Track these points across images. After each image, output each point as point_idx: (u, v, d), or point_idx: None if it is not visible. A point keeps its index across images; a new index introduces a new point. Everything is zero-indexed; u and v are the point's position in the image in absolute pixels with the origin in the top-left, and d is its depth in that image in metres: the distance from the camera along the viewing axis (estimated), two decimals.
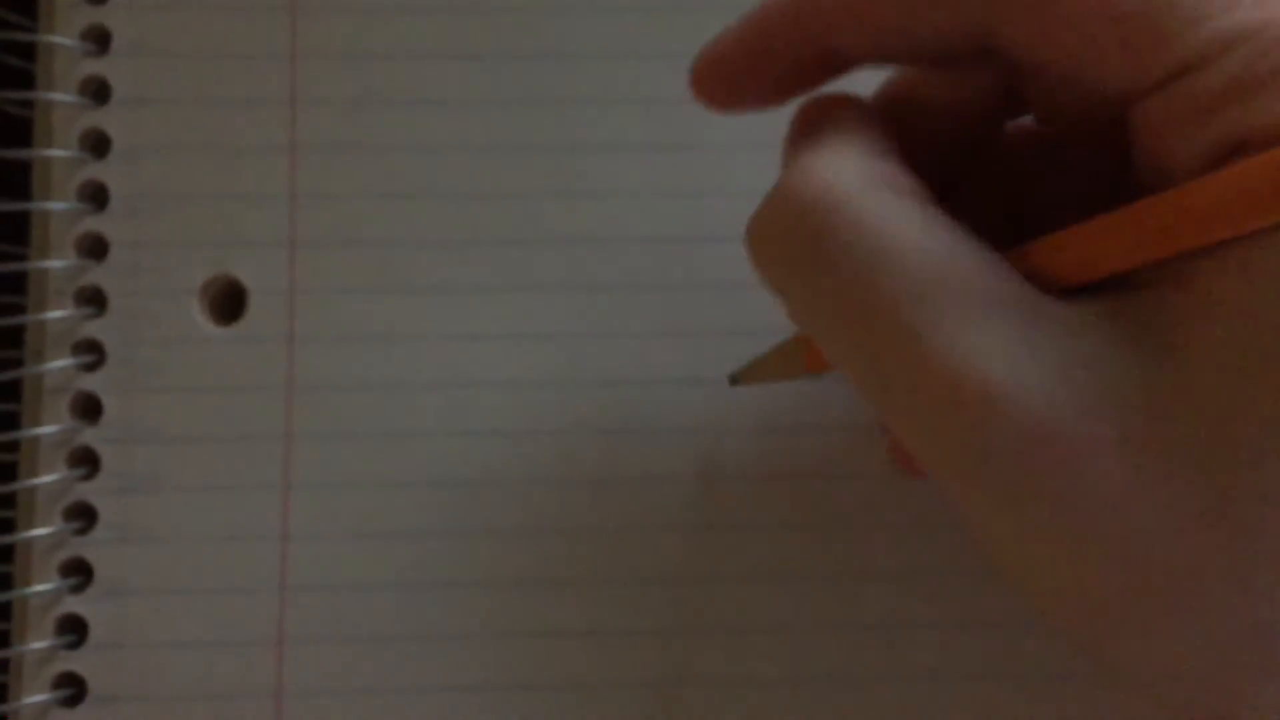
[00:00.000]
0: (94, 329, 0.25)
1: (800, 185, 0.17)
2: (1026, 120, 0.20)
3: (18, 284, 0.26)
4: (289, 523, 0.25)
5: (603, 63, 0.26)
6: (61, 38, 0.26)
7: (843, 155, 0.17)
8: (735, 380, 0.24)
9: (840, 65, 0.19)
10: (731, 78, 0.19)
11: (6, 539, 0.25)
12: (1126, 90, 0.15)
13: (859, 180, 0.16)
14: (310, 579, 0.25)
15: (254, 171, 0.26)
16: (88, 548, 0.25)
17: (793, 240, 0.17)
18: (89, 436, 0.25)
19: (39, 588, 0.24)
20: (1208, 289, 0.15)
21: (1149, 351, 0.15)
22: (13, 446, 0.25)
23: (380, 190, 0.26)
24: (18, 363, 0.25)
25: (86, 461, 0.25)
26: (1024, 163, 0.20)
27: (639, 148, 0.26)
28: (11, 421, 0.25)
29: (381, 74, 0.26)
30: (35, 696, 0.24)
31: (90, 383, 0.25)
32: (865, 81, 0.19)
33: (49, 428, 0.25)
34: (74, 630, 0.25)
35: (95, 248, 0.26)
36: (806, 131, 0.18)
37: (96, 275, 0.25)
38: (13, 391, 0.26)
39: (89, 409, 0.25)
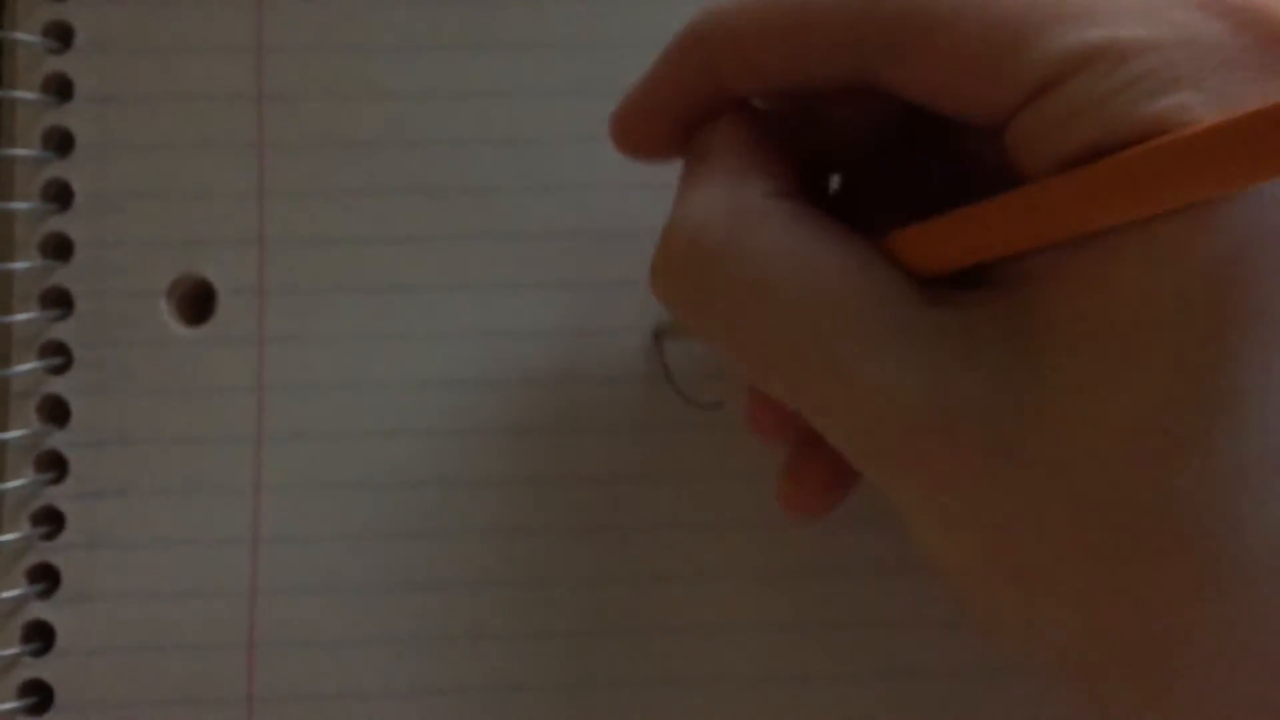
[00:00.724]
0: (61, 331, 0.25)
1: (680, 225, 0.18)
2: None
3: None
4: (260, 525, 0.24)
5: (574, 52, 0.26)
6: (23, 34, 0.25)
7: (716, 190, 0.18)
8: (659, 336, 0.24)
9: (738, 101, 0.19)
10: (643, 129, 0.20)
11: None
12: (997, 115, 0.16)
13: (723, 221, 0.17)
14: (282, 582, 0.24)
15: (221, 169, 0.25)
16: (55, 553, 0.24)
17: (679, 280, 0.18)
18: (57, 440, 0.25)
19: (6, 594, 0.24)
20: (1071, 286, 0.15)
21: (1016, 354, 0.16)
22: None
23: (349, 187, 0.25)
24: None
25: (54, 466, 0.25)
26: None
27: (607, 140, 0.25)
28: None
29: (349, 69, 0.26)
30: (1, 704, 0.24)
31: (58, 386, 0.25)
32: None
33: (16, 432, 0.24)
34: (41, 637, 0.24)
35: (60, 248, 0.25)
36: (694, 162, 0.19)
37: (62, 276, 0.25)
38: None
39: (56, 412, 0.25)
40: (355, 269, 0.25)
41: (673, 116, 0.19)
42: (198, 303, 0.25)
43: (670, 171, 0.21)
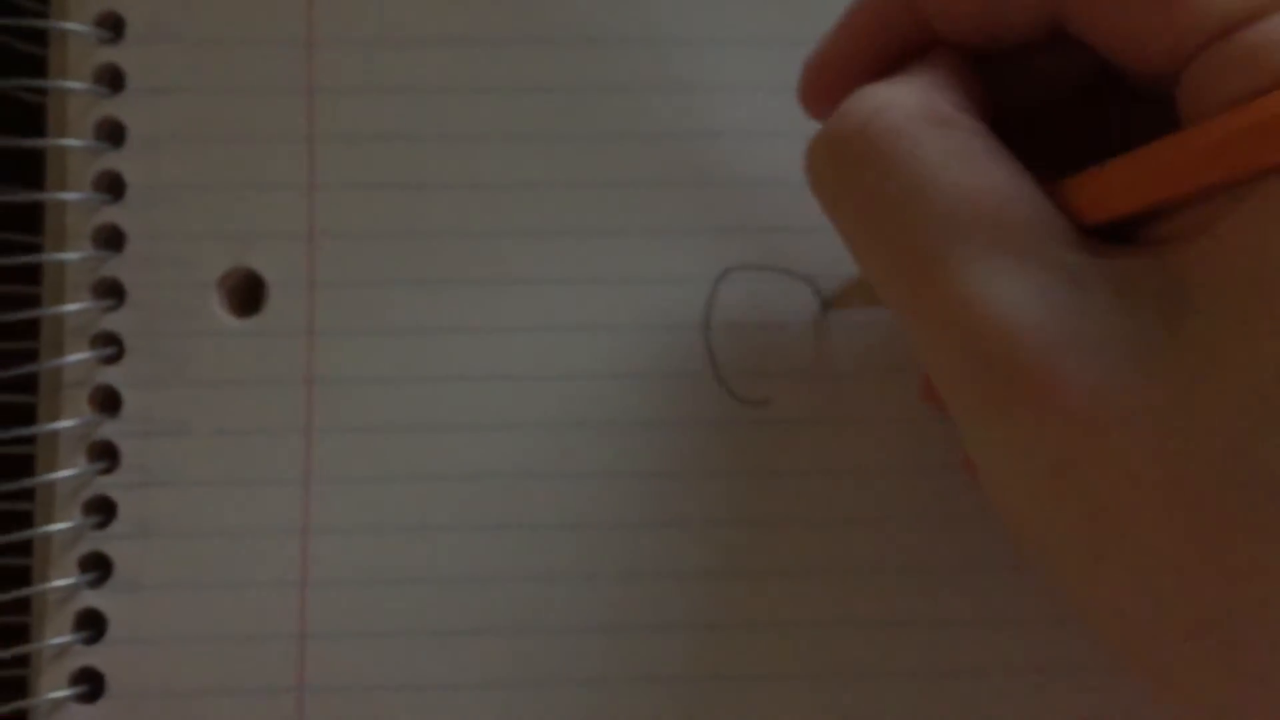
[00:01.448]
0: (113, 322, 0.25)
1: (853, 111, 0.18)
2: None
3: (34, 276, 0.26)
4: (309, 516, 0.25)
5: (626, 48, 0.26)
6: (75, 24, 0.25)
7: (899, 87, 0.18)
8: (828, 305, 0.24)
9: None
10: (835, 83, 0.20)
11: (25, 533, 0.24)
12: (1178, 58, 0.16)
13: (908, 110, 0.17)
14: (331, 573, 0.24)
15: (272, 161, 0.25)
16: (107, 542, 0.25)
17: (839, 163, 0.18)
18: (109, 430, 0.25)
19: (58, 582, 0.24)
20: (1223, 246, 0.15)
21: (1157, 309, 0.15)
22: (32, 440, 0.25)
23: (399, 180, 0.25)
24: (35, 356, 0.25)
25: (106, 455, 0.25)
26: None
27: (664, 136, 0.25)
28: (30, 415, 0.25)
29: (400, 62, 0.26)
30: (53, 692, 0.24)
31: (110, 376, 0.25)
32: None
33: (68, 421, 0.25)
34: (93, 625, 0.24)
35: (113, 239, 0.25)
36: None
37: (114, 267, 0.25)
38: (31, 385, 0.25)
39: (108, 402, 0.25)
40: (404, 262, 0.25)
41: (864, 68, 0.19)
42: (248, 294, 0.25)
43: (724, 171, 0.21)
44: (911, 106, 0.17)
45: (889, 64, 0.19)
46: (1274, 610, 0.15)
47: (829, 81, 0.20)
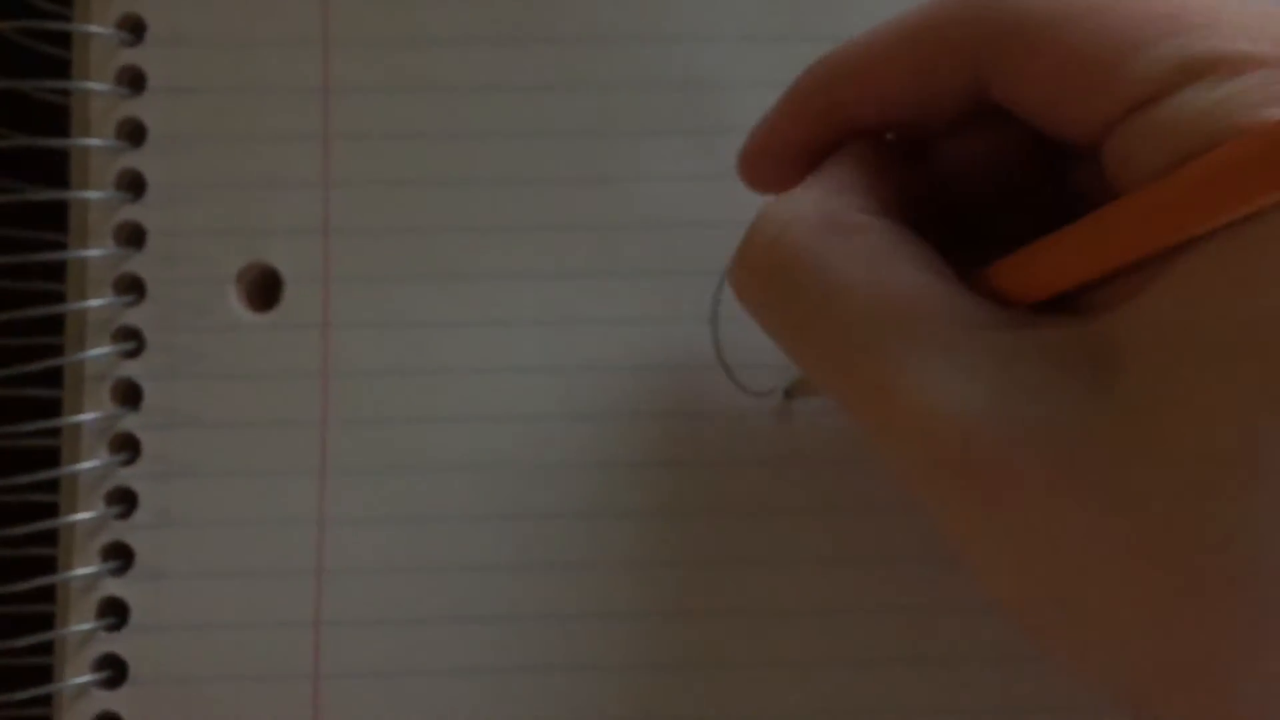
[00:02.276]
0: (133, 316, 0.26)
1: (759, 233, 0.18)
2: None
3: (57, 272, 0.26)
4: (326, 507, 0.25)
5: (638, 45, 0.26)
6: (97, 26, 0.26)
7: (801, 200, 0.18)
8: (790, 394, 0.25)
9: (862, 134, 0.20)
10: (772, 168, 0.21)
11: (49, 524, 0.25)
12: (1104, 124, 0.16)
13: (809, 223, 0.18)
14: (347, 563, 0.25)
15: (288, 159, 0.26)
16: (129, 532, 0.25)
17: (754, 283, 0.18)
18: (130, 422, 0.25)
19: (81, 571, 0.25)
20: (1152, 310, 0.15)
21: (1088, 379, 0.15)
22: (55, 433, 0.26)
23: (414, 176, 0.26)
24: (58, 350, 0.26)
25: (127, 447, 0.25)
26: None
27: (675, 132, 0.26)
28: (54, 409, 0.26)
29: (415, 59, 0.26)
30: (77, 678, 0.25)
31: (131, 369, 0.25)
32: None
33: (90, 414, 0.25)
34: (115, 613, 0.25)
35: (133, 236, 0.26)
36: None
37: (135, 263, 0.26)
38: (55, 379, 0.26)
39: (129, 396, 0.26)
40: (418, 257, 0.26)
41: (798, 155, 0.20)
42: (265, 289, 0.26)
43: (729, 164, 0.21)
44: (812, 219, 0.18)
45: (821, 147, 0.20)
46: (1247, 662, 0.15)
47: (767, 167, 0.21)
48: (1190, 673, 0.15)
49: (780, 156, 0.20)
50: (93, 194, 0.26)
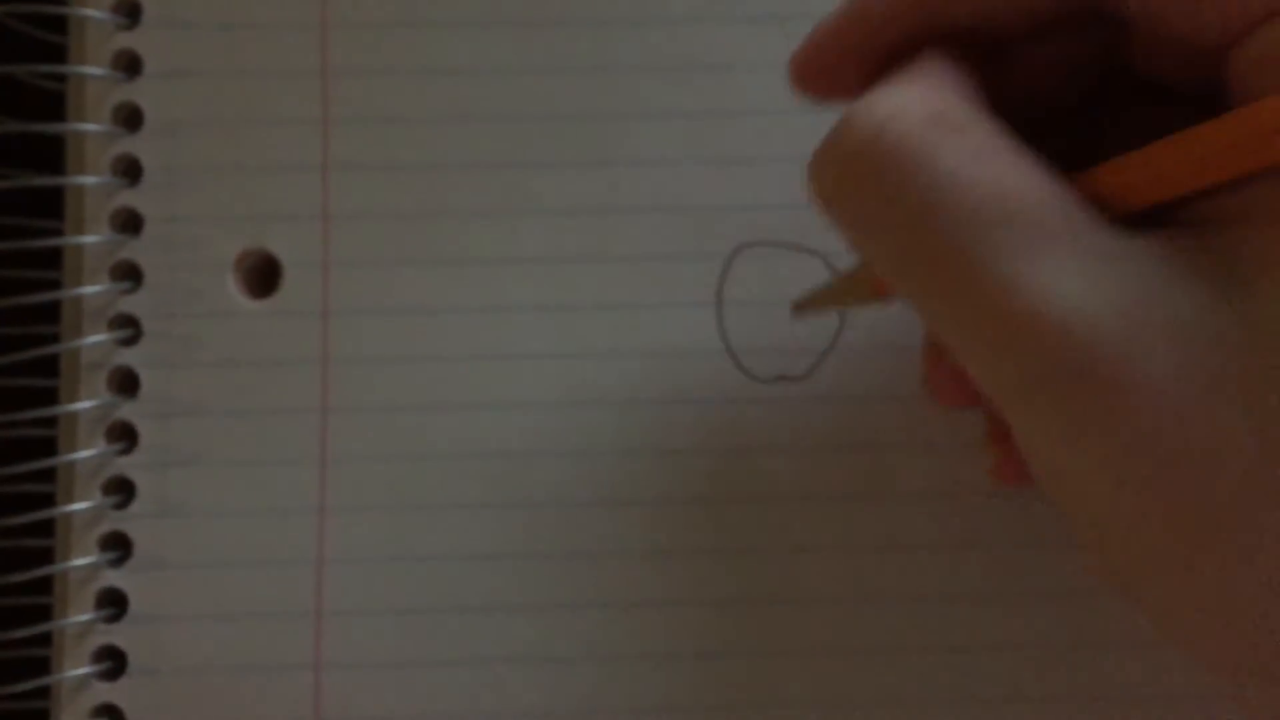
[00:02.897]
0: (130, 304, 0.25)
1: (861, 119, 0.17)
2: None
3: (53, 260, 0.26)
4: (326, 496, 0.25)
5: (639, 28, 0.26)
6: (93, 10, 0.26)
7: (904, 92, 0.17)
8: (799, 308, 0.24)
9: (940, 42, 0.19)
10: (835, 67, 0.19)
11: (46, 513, 0.25)
12: (1222, 39, 0.16)
13: (918, 116, 0.16)
14: (347, 552, 0.25)
15: (286, 144, 0.26)
16: (127, 522, 0.25)
17: (850, 179, 0.17)
18: (127, 411, 0.25)
19: (79, 561, 0.25)
20: (1272, 222, 0.15)
21: (1214, 287, 0.15)
22: (52, 422, 0.25)
23: (413, 161, 0.26)
24: (54, 338, 0.25)
25: (125, 436, 0.25)
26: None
27: (676, 115, 0.25)
28: (50, 397, 0.25)
29: (413, 43, 0.26)
30: (76, 669, 0.24)
31: (128, 357, 0.25)
32: None
33: (87, 403, 0.25)
34: (114, 604, 0.25)
35: (130, 222, 0.26)
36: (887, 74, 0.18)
37: (132, 250, 0.25)
38: (51, 367, 0.26)
39: (126, 384, 0.25)
40: (418, 243, 0.25)
41: (869, 54, 0.18)
42: (264, 276, 0.26)
43: (738, 149, 0.21)
44: (921, 112, 0.17)
45: (891, 50, 0.18)
46: None
47: (827, 66, 0.19)
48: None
49: (846, 54, 0.19)
50: (89, 180, 0.25)
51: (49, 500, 0.25)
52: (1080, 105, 0.20)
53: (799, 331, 0.25)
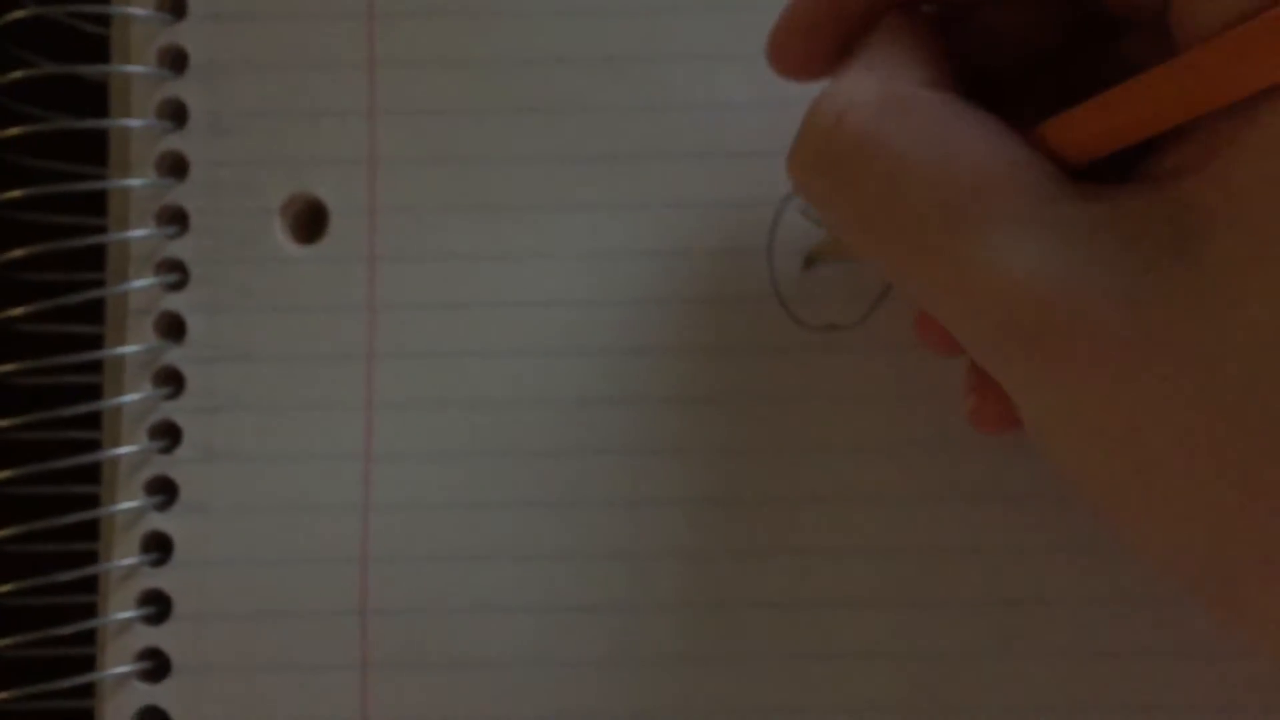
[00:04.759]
0: (177, 249, 0.25)
1: (821, 112, 0.18)
2: None
3: (99, 205, 0.26)
4: (372, 442, 0.25)
5: None
6: None
7: (858, 79, 0.18)
8: (811, 261, 0.24)
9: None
10: (803, 47, 0.20)
11: (92, 457, 0.25)
12: None
13: (871, 104, 0.17)
14: (394, 498, 0.24)
15: (333, 88, 0.25)
16: (173, 466, 0.25)
17: (817, 171, 0.18)
18: (173, 356, 0.25)
19: (124, 505, 0.24)
20: (1228, 173, 0.15)
21: (1161, 248, 0.15)
22: (97, 368, 0.25)
23: (462, 105, 0.25)
24: (100, 283, 0.25)
25: (171, 381, 0.25)
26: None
27: (734, 58, 0.25)
28: (96, 342, 0.25)
29: None
30: (121, 612, 0.24)
31: (174, 302, 0.25)
32: None
33: (134, 347, 0.25)
34: (159, 548, 0.25)
35: (176, 166, 0.25)
36: (849, 58, 0.19)
37: (178, 194, 0.25)
38: (97, 312, 0.25)
39: (173, 328, 0.25)
40: (466, 188, 0.25)
41: (833, 32, 0.19)
42: (310, 221, 0.25)
43: (791, 92, 0.21)
44: (871, 100, 0.17)
45: (855, 22, 0.19)
46: None
47: (796, 47, 0.20)
48: (1267, 544, 0.15)
49: (811, 33, 0.20)
50: (134, 123, 0.25)
51: (95, 445, 0.25)
52: (1067, 44, 0.20)
53: (851, 280, 0.24)
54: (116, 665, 0.24)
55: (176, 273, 0.25)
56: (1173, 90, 0.16)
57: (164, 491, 0.25)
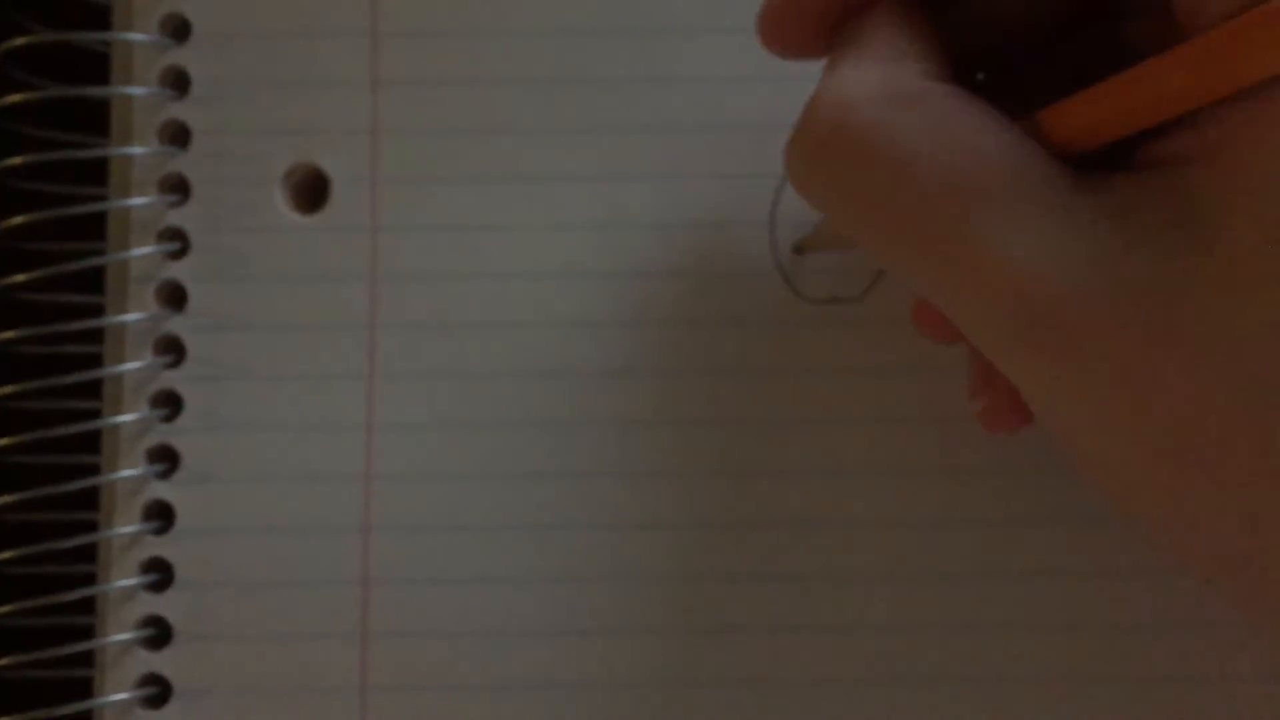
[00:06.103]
0: (178, 217, 0.25)
1: (820, 113, 0.17)
2: None
3: (100, 172, 0.26)
4: (373, 411, 0.25)
5: None
6: None
7: (860, 71, 0.18)
8: (800, 250, 0.24)
9: None
10: (794, 24, 0.19)
11: (93, 425, 0.25)
12: None
13: (873, 99, 0.17)
14: (395, 468, 0.24)
15: (336, 58, 0.25)
16: (174, 434, 0.25)
17: (818, 167, 0.18)
18: (175, 324, 0.25)
19: (126, 474, 0.25)
20: (1237, 162, 0.15)
21: (1169, 238, 0.15)
22: (98, 337, 0.25)
23: (464, 75, 0.25)
24: (102, 251, 0.25)
25: (172, 350, 0.25)
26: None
27: (735, 30, 0.25)
28: (97, 310, 0.25)
29: None
30: (123, 580, 0.24)
31: (175, 271, 0.25)
32: None
33: (134, 315, 0.25)
34: (161, 516, 0.25)
35: (178, 135, 0.25)
36: (843, 46, 0.19)
37: (180, 163, 0.25)
38: (97, 280, 0.25)
39: (174, 297, 0.25)
40: (469, 159, 0.25)
41: (824, 10, 0.19)
42: (312, 191, 0.25)
43: (796, 66, 0.21)
44: (875, 93, 0.17)
45: (845, 3, 0.19)
46: None
47: (788, 25, 0.20)
48: (1253, 521, 0.15)
49: (803, 11, 0.19)
50: (136, 91, 0.25)
51: (95, 414, 0.25)
52: (1066, 27, 0.19)
53: (853, 253, 0.24)
54: (118, 633, 0.24)
55: (178, 241, 0.25)
56: (1178, 78, 0.15)
57: (165, 460, 0.25)
